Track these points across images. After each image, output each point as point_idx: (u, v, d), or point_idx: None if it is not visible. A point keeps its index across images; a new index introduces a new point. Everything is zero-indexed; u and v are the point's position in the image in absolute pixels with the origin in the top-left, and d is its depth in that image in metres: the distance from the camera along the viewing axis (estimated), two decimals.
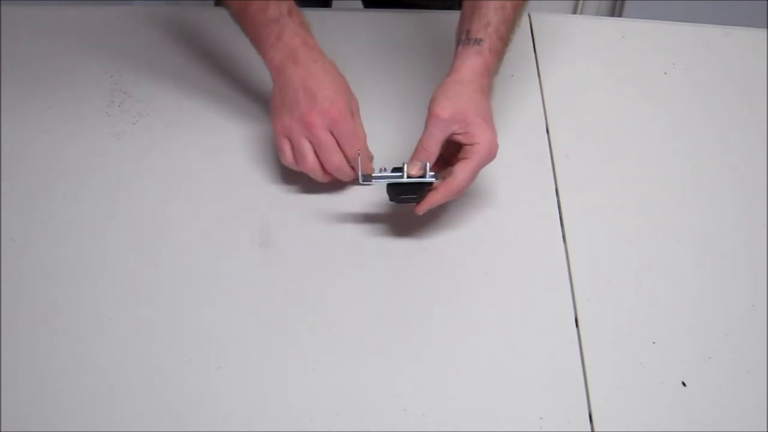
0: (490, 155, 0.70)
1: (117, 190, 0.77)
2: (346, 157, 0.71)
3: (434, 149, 0.69)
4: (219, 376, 0.64)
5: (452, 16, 0.77)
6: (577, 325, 0.68)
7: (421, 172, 0.69)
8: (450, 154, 0.71)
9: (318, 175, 0.72)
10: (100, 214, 0.75)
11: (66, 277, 0.70)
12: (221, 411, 0.62)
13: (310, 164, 0.71)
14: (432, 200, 0.69)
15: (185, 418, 0.61)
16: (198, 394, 0.63)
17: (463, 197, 0.77)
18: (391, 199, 0.71)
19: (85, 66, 0.89)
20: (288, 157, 0.72)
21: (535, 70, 0.91)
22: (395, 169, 0.70)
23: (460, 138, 0.69)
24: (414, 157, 0.70)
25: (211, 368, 0.64)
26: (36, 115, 0.83)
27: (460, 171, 0.69)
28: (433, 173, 0.69)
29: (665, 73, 0.93)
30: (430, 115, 0.69)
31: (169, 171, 0.79)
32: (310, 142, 0.70)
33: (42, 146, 0.81)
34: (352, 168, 0.72)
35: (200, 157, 0.80)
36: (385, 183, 0.70)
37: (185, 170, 0.79)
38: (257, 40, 0.73)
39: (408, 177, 0.69)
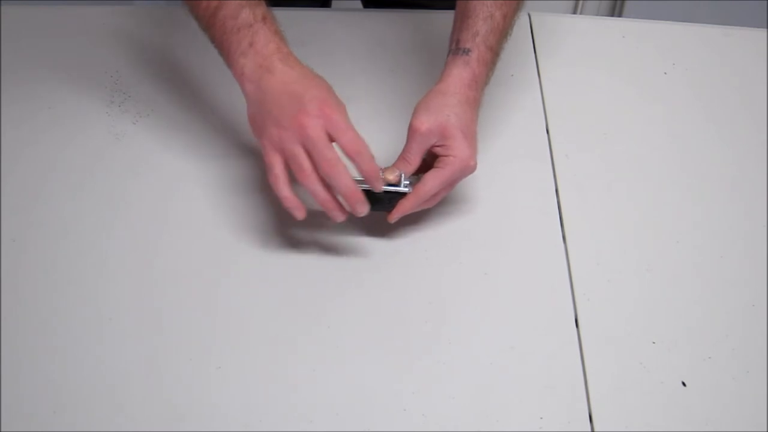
0: (464, 170, 0.69)
1: (117, 190, 0.77)
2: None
3: (414, 161, 0.69)
4: (219, 376, 0.64)
5: (452, 16, 0.77)
6: (577, 325, 0.68)
7: (396, 180, 0.69)
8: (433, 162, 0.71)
9: (318, 187, 0.65)
10: (100, 214, 0.75)
11: (66, 277, 0.70)
12: (221, 411, 0.62)
13: (309, 173, 0.64)
14: (402, 208, 0.69)
15: (185, 418, 0.61)
16: (198, 394, 0.63)
17: (462, 197, 0.77)
18: None
19: (85, 66, 0.89)
20: (278, 173, 0.65)
21: (535, 70, 0.91)
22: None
23: (438, 150, 0.69)
24: (394, 165, 0.70)
25: (211, 368, 0.64)
26: (36, 115, 0.83)
27: (430, 179, 0.68)
28: (408, 182, 0.69)
29: (665, 73, 0.93)
30: (409, 127, 0.69)
31: (169, 171, 0.79)
32: (305, 149, 0.64)
33: (42, 146, 0.81)
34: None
35: (200, 157, 0.80)
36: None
37: (185, 170, 0.79)
38: (225, 47, 0.68)
39: (384, 182, 0.69)
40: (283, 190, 0.66)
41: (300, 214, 0.67)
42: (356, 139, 0.65)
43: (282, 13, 0.71)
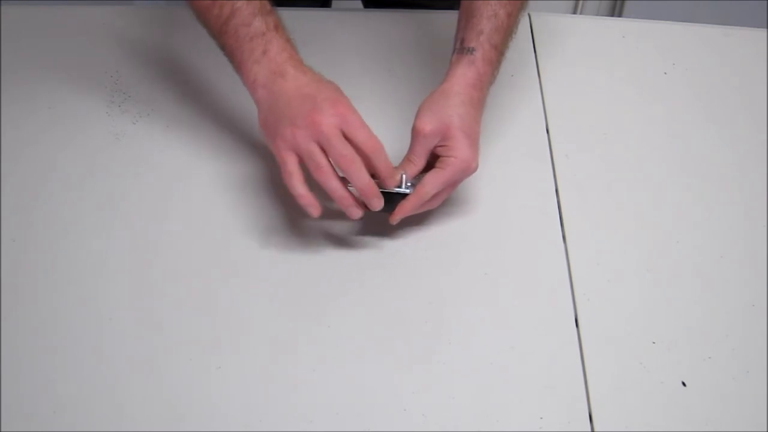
0: (465, 171, 0.69)
1: (117, 190, 0.77)
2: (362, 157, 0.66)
3: (419, 162, 0.70)
4: (219, 376, 0.64)
5: (453, 16, 0.77)
6: (577, 325, 0.68)
7: (399, 180, 0.69)
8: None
9: (335, 184, 0.65)
10: (100, 214, 0.75)
11: (66, 277, 0.70)
12: (221, 411, 0.62)
13: (326, 170, 0.64)
14: (403, 209, 0.69)
15: (185, 418, 0.61)
16: (198, 394, 0.63)
17: (462, 197, 0.77)
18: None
19: (85, 66, 0.89)
20: (292, 171, 0.65)
21: (535, 70, 0.91)
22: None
23: (439, 150, 0.69)
24: (399, 166, 0.70)
25: (211, 368, 0.64)
26: (36, 115, 0.83)
27: (430, 180, 0.68)
28: (410, 183, 0.69)
29: (665, 73, 0.93)
30: (413, 128, 0.69)
31: (169, 171, 0.79)
32: (320, 147, 0.64)
33: (42, 146, 0.81)
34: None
35: (200, 157, 0.80)
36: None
37: (185, 170, 0.79)
38: (238, 55, 0.68)
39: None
40: (298, 187, 0.66)
41: (315, 211, 0.67)
42: (372, 137, 0.65)
43: (282, 13, 0.71)
